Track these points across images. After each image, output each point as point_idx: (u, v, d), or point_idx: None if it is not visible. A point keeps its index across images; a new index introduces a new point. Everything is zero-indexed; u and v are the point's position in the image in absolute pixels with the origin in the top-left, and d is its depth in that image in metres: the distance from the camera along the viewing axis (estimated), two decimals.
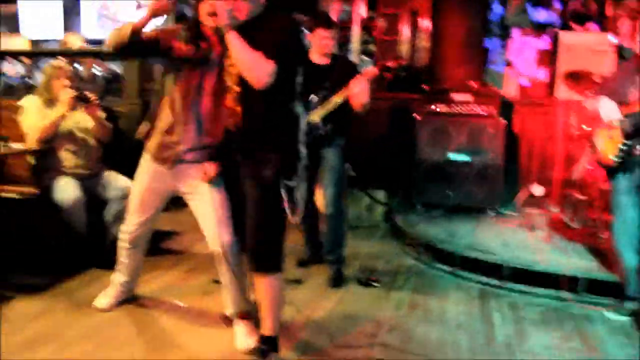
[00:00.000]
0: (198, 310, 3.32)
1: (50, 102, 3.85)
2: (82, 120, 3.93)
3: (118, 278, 3.26)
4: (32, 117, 3.81)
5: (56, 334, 2.94)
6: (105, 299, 3.27)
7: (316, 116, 3.70)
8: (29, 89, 7.20)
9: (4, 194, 3.97)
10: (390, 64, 3.85)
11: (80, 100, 3.76)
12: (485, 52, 6.13)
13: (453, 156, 5.14)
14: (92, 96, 3.84)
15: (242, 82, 2.47)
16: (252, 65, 2.37)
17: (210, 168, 2.78)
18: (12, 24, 9.25)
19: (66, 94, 3.70)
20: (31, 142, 3.80)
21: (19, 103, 3.92)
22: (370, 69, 3.69)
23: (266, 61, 2.35)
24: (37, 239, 3.91)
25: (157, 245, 4.47)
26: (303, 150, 2.62)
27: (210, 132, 2.77)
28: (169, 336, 2.98)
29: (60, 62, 4.06)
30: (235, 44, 2.38)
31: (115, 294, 3.27)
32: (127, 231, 3.09)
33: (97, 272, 3.73)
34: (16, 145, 3.73)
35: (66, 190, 3.73)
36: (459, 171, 5.10)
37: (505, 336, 3.14)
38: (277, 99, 2.48)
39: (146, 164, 2.92)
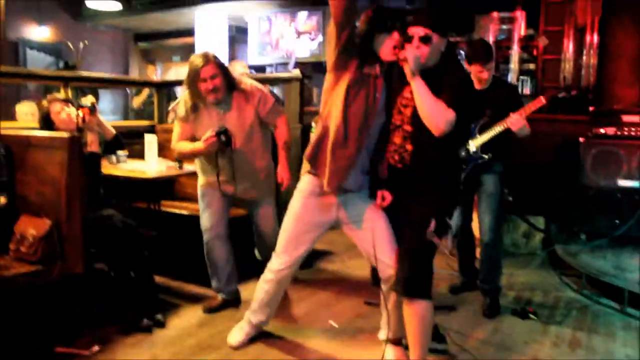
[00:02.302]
0: (351, 331, 3.38)
1: (194, 106, 3.36)
2: None
3: (253, 317, 3.10)
4: (177, 127, 3.50)
5: (217, 344, 3.14)
6: (238, 335, 3.14)
7: (476, 144, 3.64)
8: None
9: (175, 210, 4.35)
10: (560, 94, 3.66)
11: (223, 144, 3.27)
12: None
13: (623, 182, 4.76)
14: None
15: (414, 122, 2.55)
16: (434, 113, 2.46)
17: (387, 196, 2.71)
18: (186, 53, 10.17)
19: (208, 133, 3.23)
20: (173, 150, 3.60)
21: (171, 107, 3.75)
22: (537, 101, 3.54)
23: (447, 110, 2.44)
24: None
25: (311, 264, 4.63)
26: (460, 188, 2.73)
27: (376, 162, 2.72)
28: (321, 355, 3.06)
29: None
30: (421, 89, 2.47)
31: (248, 332, 3.13)
32: (275, 269, 2.91)
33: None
34: (188, 166, 4.00)
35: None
36: (629, 199, 4.71)
37: None
38: (448, 144, 2.56)
39: (305, 194, 2.82)
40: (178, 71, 11.00)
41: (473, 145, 3.64)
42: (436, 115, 2.45)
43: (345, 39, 2.57)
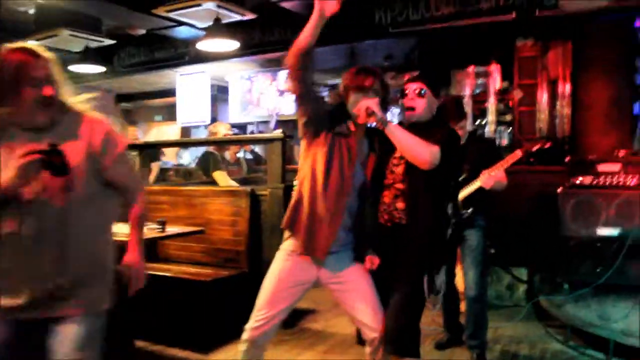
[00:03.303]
0: None
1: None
2: None
3: None
4: None
5: None
6: None
7: (457, 199, 3.67)
8: (184, 172, 7.76)
9: (158, 272, 4.32)
10: (535, 148, 3.76)
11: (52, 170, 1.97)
12: (635, 117, 5.78)
13: (602, 231, 4.81)
14: None
15: (406, 180, 2.63)
16: (417, 147, 2.52)
17: (376, 260, 2.68)
18: (168, 113, 10.30)
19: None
20: None
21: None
22: (514, 155, 3.61)
23: (430, 144, 2.52)
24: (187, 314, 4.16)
25: (296, 323, 4.58)
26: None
27: (357, 224, 2.68)
28: None
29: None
30: (397, 131, 2.54)
31: None
32: (253, 327, 2.69)
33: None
34: (171, 228, 3.98)
35: None
36: (609, 247, 4.75)
37: None
38: (438, 200, 2.65)
39: (286, 252, 2.72)
40: (160, 130, 11.10)
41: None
42: (420, 148, 2.51)
43: (309, 112, 2.56)
